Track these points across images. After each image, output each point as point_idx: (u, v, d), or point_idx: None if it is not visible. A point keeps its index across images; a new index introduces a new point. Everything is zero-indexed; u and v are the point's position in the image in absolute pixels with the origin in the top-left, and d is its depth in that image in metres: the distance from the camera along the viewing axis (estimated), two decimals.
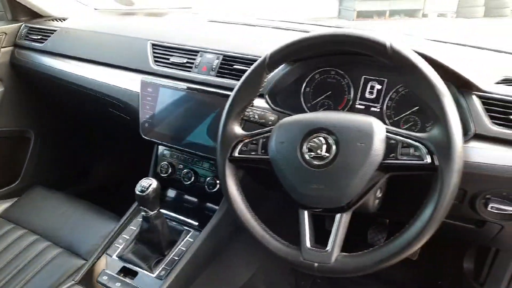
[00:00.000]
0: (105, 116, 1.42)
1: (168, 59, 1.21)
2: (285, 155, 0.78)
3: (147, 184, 0.99)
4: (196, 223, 1.16)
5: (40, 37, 1.54)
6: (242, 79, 0.86)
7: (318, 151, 0.75)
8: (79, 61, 1.42)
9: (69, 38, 1.50)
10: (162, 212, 1.17)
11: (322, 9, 9.23)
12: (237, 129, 0.86)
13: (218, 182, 1.15)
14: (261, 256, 1.38)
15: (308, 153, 0.76)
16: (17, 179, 1.74)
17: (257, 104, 1.01)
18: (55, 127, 1.84)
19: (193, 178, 1.19)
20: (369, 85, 0.98)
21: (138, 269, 1.05)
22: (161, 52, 1.24)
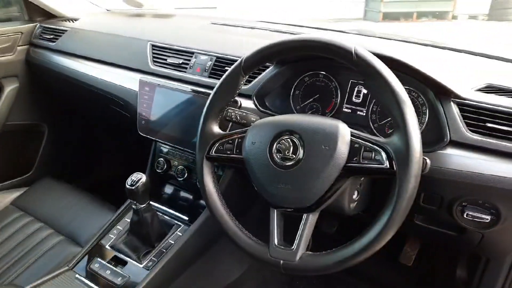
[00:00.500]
0: (109, 114, 1.48)
1: (166, 59, 1.26)
2: (256, 155, 0.80)
3: (136, 179, 1.04)
4: (187, 218, 1.20)
5: (52, 36, 1.62)
6: (219, 82, 0.89)
7: (286, 153, 0.76)
8: (85, 60, 1.49)
9: (77, 38, 1.57)
10: (156, 206, 1.22)
11: (348, 10, 9.14)
12: (215, 129, 0.88)
13: None
14: None
15: (277, 154, 0.78)
16: (31, 170, 1.82)
17: (245, 105, 1.04)
18: (66, 122, 1.93)
19: (186, 174, 1.22)
20: (355, 89, 0.99)
21: (128, 259, 1.10)
22: (159, 52, 1.29)
